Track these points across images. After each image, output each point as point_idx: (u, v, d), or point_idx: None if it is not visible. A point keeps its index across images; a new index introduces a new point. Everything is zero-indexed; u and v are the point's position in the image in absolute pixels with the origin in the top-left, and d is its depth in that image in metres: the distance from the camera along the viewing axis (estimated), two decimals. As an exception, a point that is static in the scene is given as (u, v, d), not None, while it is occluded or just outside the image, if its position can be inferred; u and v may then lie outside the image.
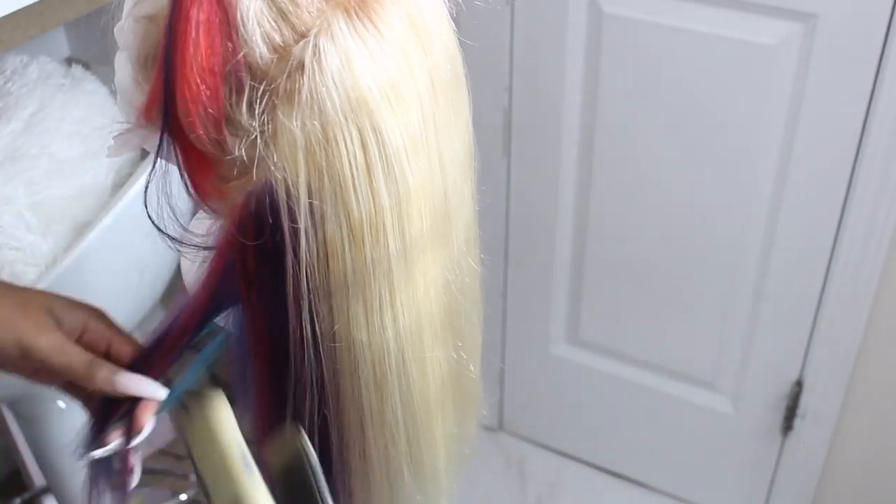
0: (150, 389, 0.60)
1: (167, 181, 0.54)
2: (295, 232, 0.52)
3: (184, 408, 0.60)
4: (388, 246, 0.54)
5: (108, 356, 0.62)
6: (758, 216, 1.38)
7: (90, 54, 1.33)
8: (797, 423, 1.52)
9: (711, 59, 1.29)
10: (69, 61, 1.28)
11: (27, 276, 0.99)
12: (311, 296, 0.54)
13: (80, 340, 0.62)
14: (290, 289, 0.54)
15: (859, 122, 1.24)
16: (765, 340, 1.49)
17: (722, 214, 1.41)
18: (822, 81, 1.24)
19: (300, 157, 0.50)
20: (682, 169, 1.41)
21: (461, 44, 0.58)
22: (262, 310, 0.56)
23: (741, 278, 1.45)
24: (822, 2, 1.19)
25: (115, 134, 0.57)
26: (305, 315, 0.55)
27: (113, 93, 1.18)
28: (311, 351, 0.57)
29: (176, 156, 0.52)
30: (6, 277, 0.97)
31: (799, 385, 1.49)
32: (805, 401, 1.49)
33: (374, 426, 0.60)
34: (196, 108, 0.49)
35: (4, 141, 1.05)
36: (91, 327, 0.63)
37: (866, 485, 1.53)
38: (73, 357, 0.60)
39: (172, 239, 0.56)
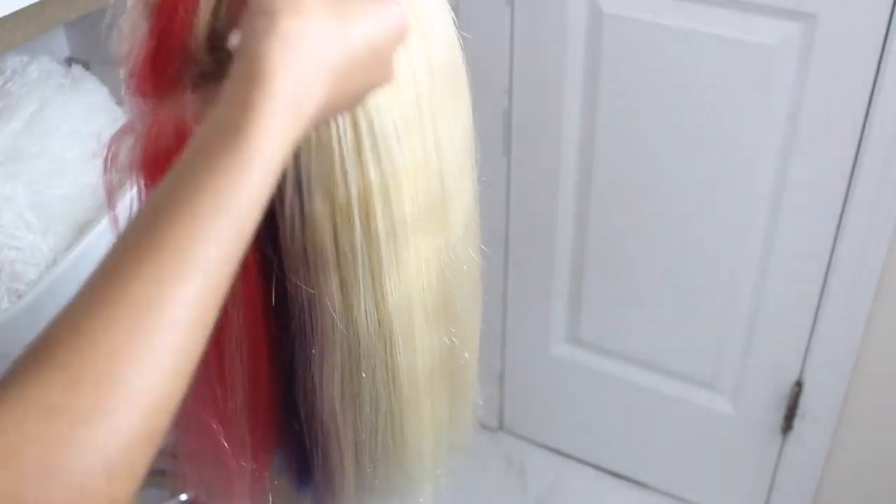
0: None
1: None
2: (279, 200, 0.52)
3: None
4: (376, 225, 0.54)
5: None
6: (758, 216, 1.38)
7: (90, 54, 1.33)
8: (797, 423, 1.52)
9: (711, 59, 1.29)
10: (69, 61, 1.28)
11: (27, 275, 0.99)
12: (293, 265, 0.55)
13: None
14: (283, 255, 0.55)
15: (859, 122, 1.24)
16: (765, 340, 1.49)
17: (722, 214, 1.41)
18: (821, 81, 1.24)
19: None
20: (682, 168, 1.41)
21: (461, 44, 0.58)
22: (255, 273, 0.57)
23: (741, 278, 1.45)
24: (822, 2, 1.19)
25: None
26: (290, 283, 0.56)
27: (113, 92, 1.18)
28: (301, 314, 0.57)
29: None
30: (6, 277, 0.97)
31: (799, 385, 1.49)
32: (805, 401, 1.49)
33: (360, 399, 0.61)
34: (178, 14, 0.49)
35: (5, 141, 1.05)
36: None
37: (866, 485, 1.53)
38: None
39: None
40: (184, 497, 1.56)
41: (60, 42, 1.39)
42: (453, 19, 0.57)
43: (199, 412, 0.62)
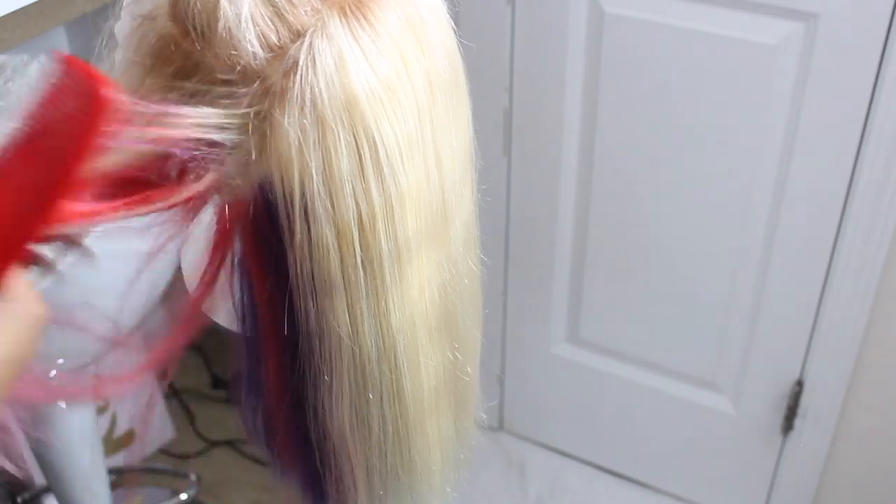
0: None
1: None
2: (288, 229, 0.52)
3: None
4: (380, 246, 0.54)
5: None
6: (758, 215, 1.38)
7: (90, 54, 1.33)
8: (797, 423, 1.52)
9: (712, 58, 1.29)
10: (69, 61, 1.28)
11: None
12: (303, 292, 0.54)
13: None
14: (292, 282, 0.54)
15: (860, 122, 1.24)
16: (765, 340, 1.49)
17: (722, 214, 1.41)
18: (822, 81, 1.24)
19: (293, 155, 0.50)
20: (683, 168, 1.41)
21: (461, 44, 0.58)
22: (268, 301, 0.57)
23: (741, 278, 1.45)
24: (823, 1, 1.19)
25: None
26: (300, 309, 0.55)
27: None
28: (310, 339, 0.57)
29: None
30: (6, 277, 0.98)
31: (799, 385, 1.49)
32: (805, 401, 1.49)
33: (368, 422, 0.61)
34: None
35: (5, 140, 1.05)
36: None
37: (866, 485, 1.53)
38: None
39: None
40: (184, 497, 1.56)
41: (60, 42, 1.39)
42: (453, 28, 0.57)
43: None
